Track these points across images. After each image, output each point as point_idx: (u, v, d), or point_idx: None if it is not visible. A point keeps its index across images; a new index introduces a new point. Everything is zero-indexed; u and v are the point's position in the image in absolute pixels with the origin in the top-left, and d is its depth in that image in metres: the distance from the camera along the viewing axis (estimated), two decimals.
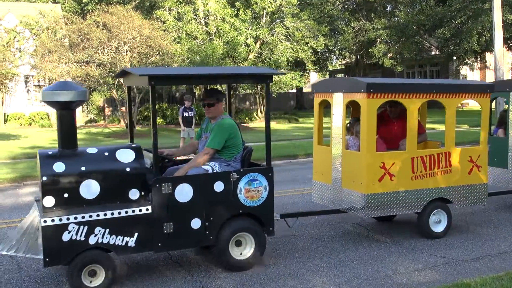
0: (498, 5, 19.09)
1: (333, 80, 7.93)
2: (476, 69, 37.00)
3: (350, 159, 7.08)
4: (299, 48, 28.45)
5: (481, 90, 7.49)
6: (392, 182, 6.90)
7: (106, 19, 23.17)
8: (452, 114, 7.29)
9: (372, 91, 6.65)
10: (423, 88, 7.07)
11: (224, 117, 6.44)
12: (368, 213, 6.81)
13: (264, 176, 6.20)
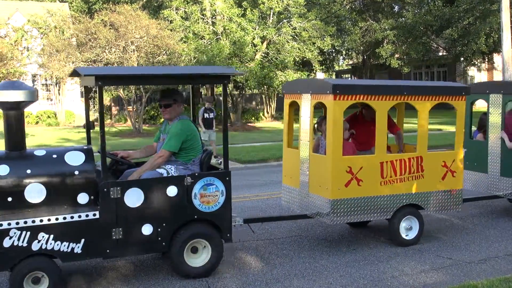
0: (507, 6, 19.01)
1: (301, 81, 7.74)
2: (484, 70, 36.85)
3: (317, 163, 6.85)
4: (306, 48, 28.41)
5: (456, 93, 7.21)
6: (360, 187, 6.64)
7: (113, 18, 23.23)
8: (425, 117, 7.04)
9: (339, 92, 6.40)
10: (393, 90, 6.81)
11: (182, 119, 6.23)
12: (334, 220, 6.55)
13: (221, 180, 5.96)
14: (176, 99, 6.24)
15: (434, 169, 7.08)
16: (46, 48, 24.94)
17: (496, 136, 8.18)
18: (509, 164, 8.07)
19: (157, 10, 30.02)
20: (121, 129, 27.97)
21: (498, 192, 8.22)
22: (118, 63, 23.20)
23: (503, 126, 8.13)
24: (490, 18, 24.85)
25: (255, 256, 6.75)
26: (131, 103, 26.60)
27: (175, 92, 6.37)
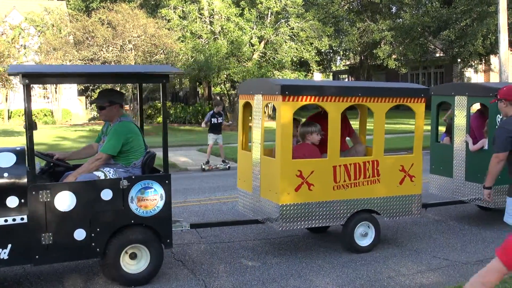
0: (504, 7, 19.05)
1: (254, 82, 7.47)
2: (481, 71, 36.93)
3: (267, 166, 6.58)
4: (303, 49, 28.43)
5: (414, 95, 6.90)
6: (311, 192, 6.35)
7: (111, 17, 23.22)
8: (381, 119, 6.76)
9: (288, 93, 6.14)
10: (347, 91, 6.54)
11: (122, 120, 5.99)
12: (283, 225, 6.26)
13: (160, 184, 5.74)
14: (111, 100, 5.98)
15: (391, 173, 6.78)
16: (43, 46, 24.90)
17: (462, 139, 7.95)
18: (473, 169, 7.81)
19: (155, 9, 29.99)
20: None
21: (463, 197, 7.97)
22: (116, 62, 23.19)
23: (468, 130, 7.90)
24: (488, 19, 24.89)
25: (252, 256, 6.75)
26: (128, 102, 26.56)
27: (111, 93, 6.11)
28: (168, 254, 6.81)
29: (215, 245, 7.18)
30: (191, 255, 6.80)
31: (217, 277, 6.02)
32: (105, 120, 6.14)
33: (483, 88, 7.76)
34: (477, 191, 7.70)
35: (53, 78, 6.22)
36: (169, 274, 6.11)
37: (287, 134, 6.24)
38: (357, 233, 6.70)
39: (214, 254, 6.84)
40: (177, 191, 10.71)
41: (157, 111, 31.86)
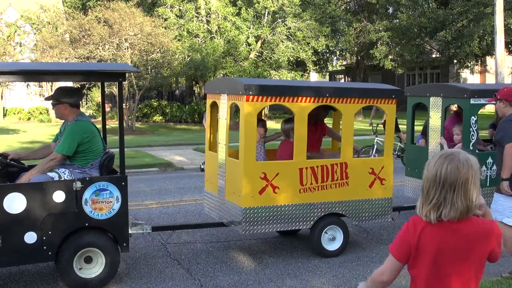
0: (500, 9, 19.07)
1: (220, 81, 7.26)
2: (477, 72, 37.02)
3: (231, 168, 6.40)
4: (300, 48, 28.43)
5: (385, 96, 6.76)
6: (276, 195, 6.19)
7: (107, 15, 23.15)
8: (350, 121, 6.62)
9: (252, 93, 5.97)
10: (314, 92, 6.36)
11: (79, 119, 5.81)
12: (246, 229, 6.10)
13: (116, 186, 5.57)
14: (59, 99, 5.78)
15: (360, 176, 6.62)
16: (39, 44, 24.81)
17: (436, 141, 7.78)
18: None
19: (152, 8, 29.93)
20: (113, 126, 27.84)
21: None
22: (112, 60, 23.13)
23: (442, 132, 7.75)
24: (484, 21, 24.94)
25: (248, 255, 6.74)
26: (124, 100, 26.51)
27: (62, 92, 5.87)
28: (164, 253, 6.79)
29: (211, 245, 7.17)
30: (187, 254, 6.78)
31: (213, 276, 6.00)
32: (59, 118, 5.95)
33: (458, 89, 7.61)
34: None
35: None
36: (165, 273, 6.09)
37: (250, 135, 6.07)
38: (324, 237, 6.54)
39: (210, 253, 6.82)
40: (173, 190, 10.69)
41: (153, 110, 31.81)
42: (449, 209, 2.38)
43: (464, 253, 2.43)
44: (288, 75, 27.83)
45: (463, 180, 2.37)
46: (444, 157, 2.44)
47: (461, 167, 2.38)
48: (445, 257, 2.45)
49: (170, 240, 7.30)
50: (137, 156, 15.59)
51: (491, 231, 2.44)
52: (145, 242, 7.22)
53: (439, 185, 2.40)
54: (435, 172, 2.41)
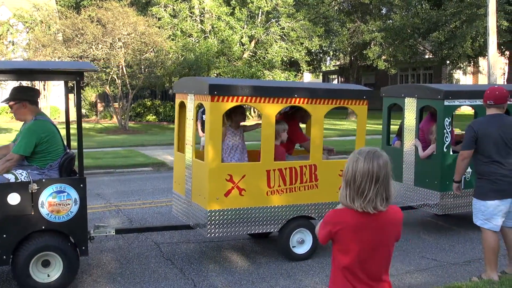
0: (493, 10, 19.17)
1: (187, 80, 7.12)
2: (469, 73, 37.17)
3: (198, 169, 6.28)
4: (293, 48, 28.45)
5: (356, 97, 6.65)
6: (242, 197, 6.07)
7: (101, 14, 23.08)
8: (320, 122, 6.51)
9: (216, 93, 5.86)
10: (282, 92, 6.22)
11: (38, 119, 5.63)
12: (211, 232, 6.00)
13: (74, 188, 5.43)
14: (17, 98, 5.63)
15: (330, 178, 6.49)
16: (32, 42, 24.69)
17: (411, 143, 7.74)
18: (422, 174, 7.61)
19: (145, 7, 29.86)
20: (106, 126, 27.80)
21: (412, 202, 7.79)
22: (105, 60, 23.07)
23: (417, 134, 7.71)
24: (477, 22, 25.02)
25: (241, 255, 6.75)
26: (117, 100, 26.45)
27: (17, 91, 5.74)
28: (157, 253, 6.80)
29: (204, 244, 7.17)
30: (180, 254, 6.79)
31: (206, 276, 6.01)
32: (18, 119, 5.78)
33: (432, 90, 7.54)
34: (426, 196, 7.54)
35: None
36: (158, 272, 6.10)
37: (216, 136, 5.96)
38: (293, 240, 6.44)
39: (204, 253, 6.83)
40: (167, 190, 10.68)
41: (146, 109, 31.76)
42: (382, 200, 2.68)
43: (386, 234, 2.77)
44: (282, 75, 27.83)
45: (388, 175, 2.68)
46: (372, 153, 2.69)
47: (386, 163, 2.69)
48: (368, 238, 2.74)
49: (163, 240, 7.31)
50: (130, 155, 15.57)
51: (400, 215, 2.81)
52: (138, 242, 7.22)
53: (373, 179, 2.63)
54: (368, 167, 2.64)
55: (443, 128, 7.27)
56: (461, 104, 7.51)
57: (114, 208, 9.21)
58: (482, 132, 5.63)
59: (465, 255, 6.84)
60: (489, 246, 5.66)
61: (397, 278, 5.99)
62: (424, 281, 5.93)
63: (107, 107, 33.72)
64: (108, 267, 6.28)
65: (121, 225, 8.14)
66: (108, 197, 10.15)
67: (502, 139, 5.56)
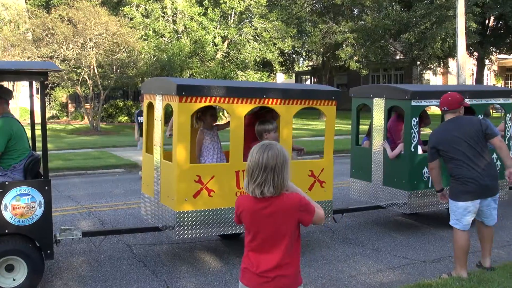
0: (462, 12, 19.52)
1: (155, 80, 6.99)
2: (439, 74, 37.79)
3: (166, 171, 6.21)
4: (266, 49, 28.50)
5: (325, 97, 6.65)
6: (211, 198, 6.02)
7: (71, 14, 22.77)
8: (288, 123, 6.49)
9: (184, 94, 5.79)
10: (251, 93, 6.19)
11: (4, 117, 5.56)
12: (180, 233, 5.91)
13: (39, 190, 5.32)
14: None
15: (299, 179, 6.42)
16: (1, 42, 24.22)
17: (380, 143, 7.81)
18: (390, 173, 7.67)
19: (117, 7, 29.55)
20: (78, 126, 27.44)
21: (381, 202, 7.83)
22: (76, 60, 22.77)
23: (385, 135, 7.76)
24: (446, 23, 25.45)
25: (215, 256, 6.73)
26: (88, 100, 26.12)
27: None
28: (129, 255, 6.73)
29: (177, 246, 7.13)
30: (152, 256, 6.73)
31: (179, 277, 5.98)
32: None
33: (399, 91, 7.59)
34: (394, 196, 7.63)
35: None
36: (130, 275, 6.04)
37: (184, 137, 5.88)
38: None
39: (176, 254, 6.79)
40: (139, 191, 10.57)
41: (118, 110, 31.45)
42: (269, 187, 2.96)
43: (280, 219, 3.02)
44: (255, 75, 27.85)
45: (279, 165, 2.96)
46: (265, 146, 3.01)
47: (278, 155, 2.98)
48: (263, 222, 3.04)
49: (135, 242, 7.24)
50: (102, 157, 15.40)
51: (292, 202, 3.02)
52: (110, 244, 7.14)
53: (262, 168, 2.95)
54: (258, 158, 2.97)
55: (410, 128, 7.36)
56: (428, 104, 7.62)
57: (85, 210, 9.10)
58: (441, 140, 5.74)
59: (435, 252, 6.95)
60: (459, 244, 5.77)
61: (368, 277, 6.05)
62: (395, 279, 5.99)
63: (78, 108, 33.27)
64: (79, 270, 6.19)
65: (92, 227, 8.04)
66: (79, 199, 10.02)
67: (464, 141, 5.63)
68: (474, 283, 5.38)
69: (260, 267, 3.08)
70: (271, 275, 3.05)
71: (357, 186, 8.36)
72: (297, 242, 3.12)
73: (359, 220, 8.56)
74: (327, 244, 7.29)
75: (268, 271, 3.05)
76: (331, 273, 6.14)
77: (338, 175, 10.04)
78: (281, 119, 6.53)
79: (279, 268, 3.05)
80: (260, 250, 3.10)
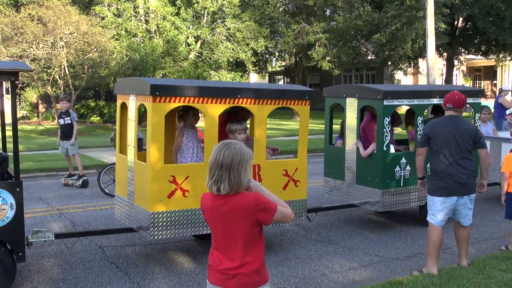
0: (431, 13, 19.80)
1: (129, 81, 6.90)
2: (410, 74, 38.25)
3: (140, 171, 6.17)
4: (239, 49, 28.46)
5: (298, 97, 6.72)
6: (186, 198, 6.00)
7: (41, 13, 22.39)
8: (263, 122, 6.51)
9: (158, 94, 5.77)
10: (225, 93, 6.21)
11: None
12: (155, 234, 5.88)
13: (9, 192, 5.24)
14: None
15: (274, 178, 6.52)
16: None
17: (353, 142, 7.89)
18: (363, 172, 7.76)
19: (88, 6, 29.17)
20: (48, 127, 26.98)
21: (354, 200, 7.91)
22: (46, 59, 22.40)
23: (358, 135, 7.83)
24: (416, 24, 25.76)
25: (188, 257, 6.70)
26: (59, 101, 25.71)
27: None
28: (102, 257, 6.65)
29: (150, 247, 7.08)
30: (125, 257, 6.67)
31: (152, 279, 5.93)
32: None
33: (372, 91, 7.66)
34: (367, 194, 7.71)
35: None
36: (102, 277, 5.97)
37: (158, 137, 5.86)
38: None
39: (149, 255, 6.74)
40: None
41: (90, 110, 31.04)
42: (224, 185, 3.01)
43: (236, 217, 3.04)
44: (228, 75, 27.81)
45: (235, 164, 3.00)
46: (224, 145, 3.07)
47: (234, 154, 3.01)
48: (221, 220, 3.09)
49: (108, 243, 7.16)
50: None
51: (249, 201, 3.03)
52: (81, 246, 7.05)
53: (218, 166, 3.02)
54: (216, 156, 3.04)
55: (383, 127, 7.45)
56: (400, 103, 7.73)
57: (56, 212, 8.96)
58: (436, 132, 5.94)
59: (406, 250, 7.04)
60: (431, 239, 5.91)
61: (341, 275, 6.09)
62: (367, 276, 6.05)
63: (49, 108, 32.73)
64: (50, 273, 6.10)
65: (64, 229, 7.92)
66: (50, 201, 9.86)
67: (455, 140, 5.84)
68: (444, 279, 5.47)
69: (221, 265, 3.12)
70: (232, 273, 3.08)
71: (330, 185, 8.41)
72: (258, 241, 3.14)
73: (332, 218, 8.62)
74: (300, 242, 7.32)
75: (229, 269, 3.08)
76: (304, 272, 6.17)
77: (312, 174, 10.10)
78: (255, 119, 6.54)
79: (240, 266, 3.07)
80: (221, 248, 3.14)
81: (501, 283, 5.28)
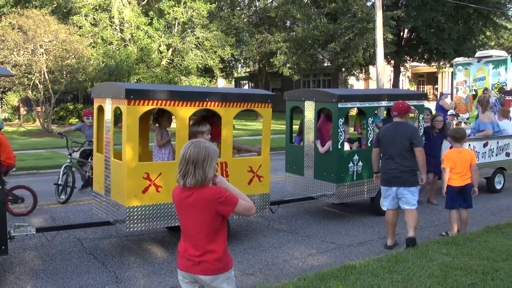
0: (380, 25, 20.12)
1: (105, 85, 6.82)
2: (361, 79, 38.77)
3: (116, 169, 6.15)
4: (208, 56, 28.33)
5: (262, 100, 6.81)
6: (159, 193, 5.99)
7: (22, 22, 21.80)
8: (229, 124, 6.54)
9: (133, 97, 5.75)
10: (194, 96, 6.22)
11: None
12: (130, 227, 5.87)
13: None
14: None
15: (239, 174, 6.59)
16: None
17: (311, 141, 7.97)
18: (320, 168, 7.86)
19: (67, 16, 28.54)
20: (29, 129, 26.31)
21: (313, 193, 8.02)
22: (27, 65, 21.83)
23: (316, 135, 7.91)
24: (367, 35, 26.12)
25: (161, 247, 6.64)
26: (39, 104, 25.11)
27: None
28: (80, 248, 6.53)
29: (125, 238, 6.98)
30: (102, 248, 6.56)
31: (128, 268, 5.85)
32: None
33: (327, 95, 7.77)
34: (324, 188, 7.83)
35: None
36: (80, 267, 5.86)
37: (132, 137, 5.83)
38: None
39: (125, 246, 6.65)
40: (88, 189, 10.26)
41: (69, 113, 30.36)
42: (190, 178, 3.04)
43: (199, 209, 3.07)
44: (198, 80, 27.65)
45: (200, 160, 3.03)
46: (191, 143, 3.10)
47: (199, 151, 3.05)
48: (186, 211, 3.12)
49: (86, 236, 7.03)
50: (53, 157, 14.85)
51: (210, 194, 3.05)
52: (61, 238, 6.90)
53: (185, 161, 3.04)
54: (184, 152, 3.07)
55: (337, 128, 7.55)
56: (353, 106, 7.87)
57: (37, 208, 8.73)
58: (382, 135, 6.59)
59: (359, 237, 7.13)
60: (386, 219, 6.70)
61: (301, 261, 6.13)
62: (324, 262, 6.11)
63: (30, 111, 31.91)
64: (31, 264, 5.95)
65: (44, 223, 7.74)
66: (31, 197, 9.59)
67: (396, 141, 6.42)
68: (391, 262, 5.57)
69: (187, 252, 3.15)
70: (197, 260, 3.11)
71: (291, 180, 8.48)
72: (220, 231, 3.15)
73: (293, 210, 8.67)
74: (263, 232, 7.34)
75: (194, 256, 3.11)
76: (267, 259, 6.18)
77: (274, 170, 10.13)
78: (223, 121, 6.54)
79: (203, 254, 3.10)
80: (187, 237, 3.16)
81: (442, 265, 5.41)
